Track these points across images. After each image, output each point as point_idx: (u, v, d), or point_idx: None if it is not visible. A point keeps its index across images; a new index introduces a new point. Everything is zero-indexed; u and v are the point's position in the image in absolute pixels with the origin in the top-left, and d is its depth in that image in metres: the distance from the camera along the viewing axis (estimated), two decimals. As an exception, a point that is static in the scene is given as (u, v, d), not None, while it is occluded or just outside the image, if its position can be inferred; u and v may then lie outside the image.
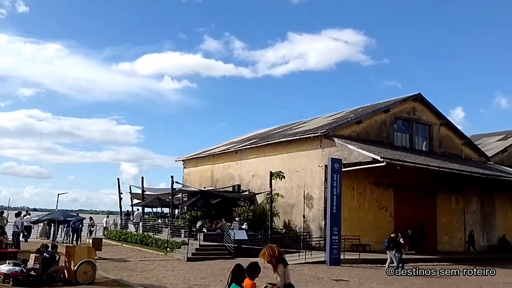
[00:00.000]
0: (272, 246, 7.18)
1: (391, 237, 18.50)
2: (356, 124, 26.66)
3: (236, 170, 32.45)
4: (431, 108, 29.65)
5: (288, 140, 27.68)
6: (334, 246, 19.36)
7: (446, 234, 28.60)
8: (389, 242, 18.11)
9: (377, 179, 25.62)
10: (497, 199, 31.25)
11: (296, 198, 26.42)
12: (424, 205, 27.78)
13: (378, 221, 25.37)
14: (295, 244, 22.50)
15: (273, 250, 6.96)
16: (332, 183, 20.14)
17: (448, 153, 29.78)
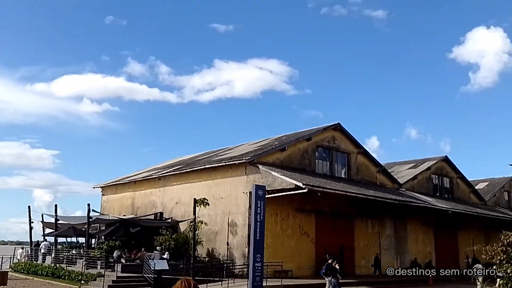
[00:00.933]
0: (188, 279, 6.85)
1: (328, 263, 18.65)
2: (280, 151, 27.26)
3: (158, 197, 31.59)
4: (349, 137, 31.15)
5: (213, 167, 27.56)
6: (257, 273, 19.28)
7: (363, 258, 29.73)
8: (326, 268, 18.32)
9: (300, 205, 26.20)
10: (409, 223, 33.22)
11: (220, 225, 26.18)
12: (343, 230, 28.78)
13: (300, 247, 25.82)
14: (219, 273, 22.16)
15: (188, 282, 6.63)
16: (256, 209, 20.21)
17: (364, 180, 31.30)
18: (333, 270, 18.26)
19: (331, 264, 18.54)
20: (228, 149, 35.16)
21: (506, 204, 45.00)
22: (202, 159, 33.49)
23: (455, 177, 39.69)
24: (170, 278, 19.94)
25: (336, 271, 18.44)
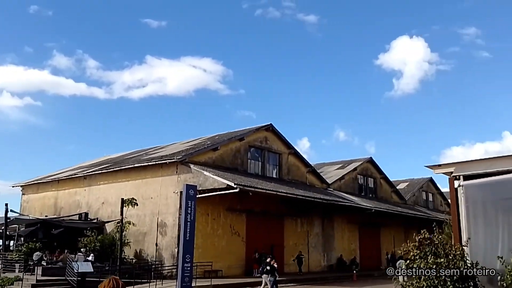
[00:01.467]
0: (115, 277, 6.58)
1: (267, 262, 18.88)
2: (213, 151, 27.14)
3: (84, 197, 30.23)
4: (281, 138, 31.71)
5: (143, 166, 26.85)
6: (186, 274, 19.01)
7: (292, 256, 30.36)
8: (264, 267, 18.57)
9: (231, 205, 26.25)
10: (336, 222, 34.45)
11: (149, 226, 25.56)
12: (274, 229, 29.21)
13: (231, 246, 25.87)
14: (146, 274, 21.60)
15: (116, 281, 6.35)
16: (186, 209, 19.92)
17: (295, 180, 32.03)
18: (272, 268, 18.56)
19: (270, 263, 18.79)
20: (159, 148, 34.44)
21: (424, 203, 48.11)
22: (131, 158, 32.51)
23: (378, 178, 41.77)
24: (94, 281, 19.12)
25: (275, 269, 18.78)
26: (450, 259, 6.12)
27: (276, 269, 19.01)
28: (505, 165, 6.99)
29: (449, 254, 6.21)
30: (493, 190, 7.38)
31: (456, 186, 7.62)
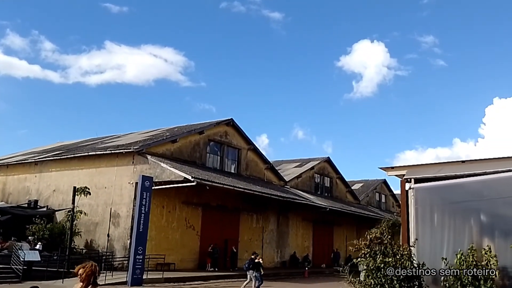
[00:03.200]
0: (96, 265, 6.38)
1: (251, 258, 19.12)
2: (171, 143, 26.78)
3: (34, 183, 29.12)
4: (241, 133, 31.71)
5: (97, 154, 26.15)
6: (138, 266, 18.77)
7: (246, 251, 30.45)
8: (249, 263, 18.77)
9: (187, 198, 26.02)
10: (291, 219, 34.87)
11: (101, 216, 24.94)
12: (229, 224, 29.20)
13: (185, 240, 25.66)
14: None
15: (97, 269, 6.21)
16: (141, 201, 19.65)
17: (253, 176, 32.15)
18: (257, 264, 18.83)
19: (254, 259, 19.02)
20: (115, 137, 33.63)
21: (377, 204, 49.57)
22: (86, 145, 31.58)
23: (335, 177, 42.62)
24: (42, 270, 18.54)
25: (260, 265, 19.04)
26: (398, 259, 6.32)
27: (261, 265, 19.27)
28: (453, 170, 7.29)
29: (397, 254, 6.42)
30: (441, 194, 7.69)
31: (407, 189, 7.89)
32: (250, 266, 18.85)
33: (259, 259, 19.41)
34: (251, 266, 18.79)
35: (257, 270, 18.76)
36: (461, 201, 7.55)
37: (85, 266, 6.08)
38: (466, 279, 5.40)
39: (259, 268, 18.89)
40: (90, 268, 5.99)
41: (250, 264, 18.89)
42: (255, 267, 18.79)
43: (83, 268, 6.00)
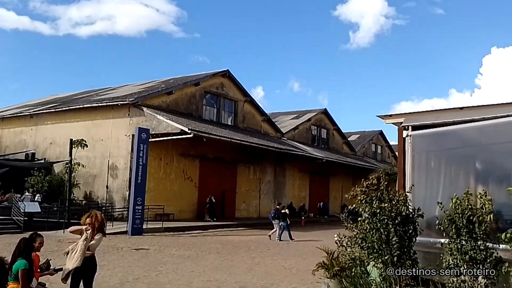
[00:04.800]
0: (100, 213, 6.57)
1: (277, 209, 19.99)
2: (167, 94, 26.53)
3: (30, 136, 29.05)
4: (237, 85, 31.39)
5: (93, 107, 25.95)
6: (137, 216, 19.10)
7: (243, 202, 31.06)
8: (275, 213, 19.64)
9: (184, 150, 26.11)
10: (287, 170, 35.24)
11: (99, 168, 25.10)
12: (227, 176, 29.52)
13: (183, 191, 25.98)
14: (96, 216, 21.39)
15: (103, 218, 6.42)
16: (138, 153, 19.70)
17: (250, 128, 32.15)
18: (283, 215, 19.55)
19: (280, 210, 19.77)
20: (110, 89, 33.26)
21: (373, 154, 50.00)
22: (81, 98, 31.29)
23: (331, 129, 42.70)
24: (42, 221, 18.82)
25: (286, 215, 19.76)
26: (394, 204, 6.37)
27: (287, 215, 19.98)
28: (451, 117, 7.24)
29: (393, 199, 6.46)
30: (438, 140, 7.68)
31: (404, 136, 7.85)
32: (276, 216, 19.59)
33: (286, 210, 20.27)
34: (277, 216, 19.51)
35: (283, 219, 19.48)
36: (458, 148, 7.55)
37: (91, 215, 6.24)
38: (461, 223, 5.47)
39: (285, 218, 19.62)
40: (101, 217, 6.23)
41: (276, 214, 19.62)
42: (282, 217, 19.50)
43: (90, 218, 6.17)
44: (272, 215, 19.97)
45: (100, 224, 6.24)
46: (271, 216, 20.00)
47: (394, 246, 6.22)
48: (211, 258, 13.29)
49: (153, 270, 10.92)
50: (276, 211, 19.97)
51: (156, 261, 12.25)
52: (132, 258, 12.77)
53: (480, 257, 5.36)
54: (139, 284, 9.29)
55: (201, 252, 14.37)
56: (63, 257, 9.55)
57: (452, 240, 5.57)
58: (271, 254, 14.57)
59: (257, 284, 9.71)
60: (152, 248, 15.00)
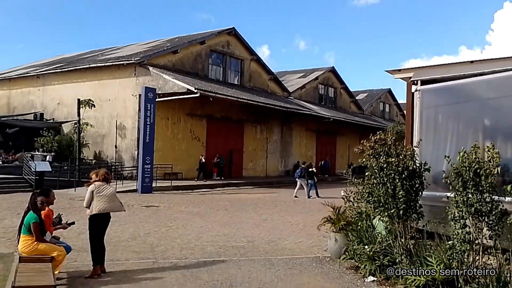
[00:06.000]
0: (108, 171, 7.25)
1: (302, 167, 20.55)
2: (172, 53, 26.25)
3: (38, 97, 29.12)
4: (243, 43, 30.91)
5: (99, 66, 25.81)
6: (146, 175, 19.37)
7: (250, 161, 31.28)
8: (301, 171, 20.13)
9: (191, 110, 26.09)
10: (294, 129, 35.22)
11: (107, 128, 25.25)
12: (234, 135, 29.59)
13: (191, 150, 26.17)
14: (106, 175, 21.72)
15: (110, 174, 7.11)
16: (146, 112, 19.75)
17: (256, 87, 31.92)
18: (310, 173, 20.15)
19: (307, 168, 20.40)
20: (116, 48, 32.94)
21: (380, 113, 49.68)
22: (86, 57, 31.07)
23: (339, 88, 42.27)
24: (53, 179, 19.17)
25: (314, 173, 20.37)
26: (401, 159, 6.38)
27: (314, 173, 20.60)
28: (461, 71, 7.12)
29: (400, 154, 6.46)
30: (446, 95, 7.60)
31: (413, 91, 7.77)
32: (303, 174, 20.10)
33: (313, 168, 20.89)
34: (303, 174, 20.06)
35: (311, 178, 20.03)
36: (466, 102, 7.47)
37: (99, 170, 6.79)
38: (467, 176, 5.48)
39: (313, 176, 20.18)
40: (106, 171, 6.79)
41: (303, 172, 20.13)
42: (309, 175, 20.06)
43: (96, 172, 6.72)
44: (299, 174, 20.33)
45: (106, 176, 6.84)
46: (297, 175, 20.36)
47: (400, 200, 6.28)
48: (220, 214, 13.55)
49: (163, 225, 11.18)
50: (302, 169, 20.41)
51: (166, 217, 12.52)
52: (142, 214, 13.05)
53: (486, 209, 5.40)
54: (150, 238, 9.54)
55: (209, 209, 14.64)
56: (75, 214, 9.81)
57: (459, 193, 5.60)
58: (278, 211, 14.81)
59: (264, 238, 9.93)
60: (161, 205, 15.30)
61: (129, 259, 7.62)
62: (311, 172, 20.29)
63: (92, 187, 6.60)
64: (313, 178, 20.14)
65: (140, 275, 6.61)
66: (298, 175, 20.31)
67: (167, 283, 6.25)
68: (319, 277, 6.78)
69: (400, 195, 6.27)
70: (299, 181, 20.07)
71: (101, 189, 6.59)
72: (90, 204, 6.54)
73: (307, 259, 7.87)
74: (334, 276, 6.81)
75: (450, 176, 5.72)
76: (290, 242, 9.62)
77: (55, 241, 6.44)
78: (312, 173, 20.29)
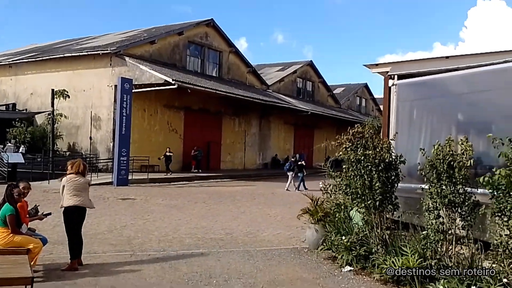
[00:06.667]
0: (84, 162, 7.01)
1: (292, 161, 20.85)
2: (150, 44, 25.92)
3: (10, 86, 28.36)
4: (222, 35, 30.73)
5: (74, 56, 25.28)
6: (122, 167, 19.14)
7: (229, 154, 31.25)
8: (291, 165, 20.41)
9: (169, 101, 25.84)
10: (272, 122, 35.32)
11: (82, 119, 24.81)
12: (212, 127, 29.46)
13: (168, 143, 25.89)
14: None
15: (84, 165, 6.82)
16: (122, 103, 19.47)
17: (235, 80, 31.84)
18: (300, 166, 20.49)
19: (297, 161, 20.76)
20: (91, 38, 32.29)
21: (357, 108, 50.24)
22: (61, 47, 30.35)
23: (317, 81, 42.53)
24: (26, 171, 18.77)
25: (303, 167, 20.70)
26: (378, 152, 6.49)
27: (304, 166, 20.91)
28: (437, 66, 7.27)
29: (377, 146, 6.58)
30: (422, 89, 7.75)
31: (390, 85, 7.90)
32: (291, 167, 20.36)
33: (303, 162, 21.18)
34: (292, 168, 20.35)
35: (300, 171, 20.34)
36: (441, 96, 7.62)
37: (74, 161, 6.66)
38: (441, 168, 5.62)
39: (302, 169, 20.49)
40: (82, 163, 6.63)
41: (292, 166, 20.42)
42: (299, 168, 20.40)
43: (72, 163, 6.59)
44: (288, 167, 20.64)
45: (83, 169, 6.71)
46: (286, 168, 20.72)
47: (377, 191, 6.40)
48: (198, 207, 13.53)
49: (140, 218, 11.10)
50: (291, 163, 20.74)
51: (142, 210, 12.43)
52: (118, 207, 12.92)
53: (459, 200, 5.56)
54: (127, 231, 9.46)
55: (187, 202, 14.59)
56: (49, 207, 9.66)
57: (433, 185, 5.74)
58: (256, 204, 14.88)
59: (243, 230, 9.98)
60: (138, 198, 15.16)
61: (106, 251, 7.55)
62: (301, 166, 20.65)
63: (64, 180, 6.55)
64: (303, 171, 20.48)
65: (118, 268, 6.56)
66: (287, 168, 20.62)
67: (145, 275, 6.23)
68: (297, 267, 6.87)
69: (376, 186, 6.39)
70: (289, 175, 20.40)
71: (71, 183, 6.49)
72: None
73: (285, 250, 7.96)
74: (312, 267, 6.91)
75: (425, 168, 5.85)
76: (268, 234, 9.69)
77: (31, 233, 6.34)
78: (302, 166, 20.65)
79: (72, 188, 6.48)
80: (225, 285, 5.91)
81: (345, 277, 6.33)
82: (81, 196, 6.54)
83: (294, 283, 6.08)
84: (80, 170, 6.64)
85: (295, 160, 21.20)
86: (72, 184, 6.49)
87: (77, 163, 6.74)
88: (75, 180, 6.54)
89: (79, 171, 6.63)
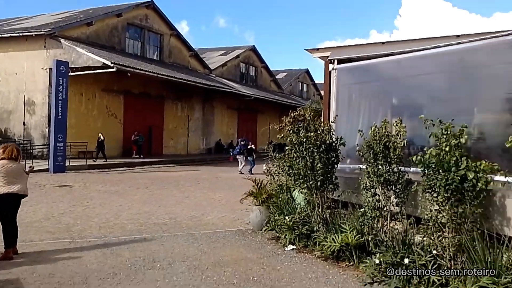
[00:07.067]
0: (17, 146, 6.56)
1: (242, 144, 21.02)
2: (86, 25, 24.80)
3: None
4: (162, 17, 29.99)
5: (4, 37, 23.72)
6: (59, 153, 18.34)
7: (171, 139, 30.80)
8: (241, 148, 20.61)
9: (107, 85, 24.96)
10: (216, 107, 35.17)
11: (14, 104, 23.43)
12: (153, 112, 28.85)
13: (107, 128, 25.11)
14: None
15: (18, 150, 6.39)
16: (57, 87, 18.57)
17: (177, 64, 31.26)
18: (250, 150, 20.67)
19: (247, 145, 20.91)
20: (23, 18, 30.39)
21: (299, 93, 51.13)
22: (-12, 26, 28.27)
23: (260, 66, 42.74)
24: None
25: (253, 150, 20.91)
26: (319, 134, 6.69)
27: (254, 150, 21.19)
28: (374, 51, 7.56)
29: (318, 129, 6.77)
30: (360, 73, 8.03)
31: (330, 69, 8.12)
32: (242, 151, 20.65)
33: (252, 145, 21.48)
34: (242, 152, 20.62)
35: (250, 154, 20.61)
36: (377, 80, 7.95)
37: (7, 146, 6.30)
38: (378, 148, 5.90)
39: (252, 153, 20.74)
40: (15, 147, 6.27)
41: (242, 149, 20.69)
42: (248, 152, 20.64)
43: (4, 148, 6.22)
44: (238, 151, 20.95)
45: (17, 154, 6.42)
46: (236, 152, 21.10)
47: (318, 172, 6.61)
48: (140, 193, 13.28)
49: (79, 205, 10.74)
50: (242, 146, 20.96)
51: (81, 197, 12.02)
52: (55, 194, 12.41)
53: (393, 179, 5.87)
54: (65, 218, 9.14)
55: (128, 188, 14.28)
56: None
57: (370, 164, 6.02)
58: (200, 188, 14.84)
59: (187, 214, 9.95)
60: (76, 184, 14.63)
61: (44, 239, 7.26)
62: (250, 149, 20.96)
63: None
64: (252, 155, 20.75)
65: (57, 255, 6.35)
66: (237, 152, 21.00)
67: (85, 262, 6.07)
68: (241, 248, 6.98)
69: (318, 167, 6.59)
70: (239, 158, 20.72)
71: (4, 169, 6.18)
72: None
73: (230, 232, 8.04)
74: (256, 247, 7.04)
75: (363, 149, 6.11)
76: (213, 217, 9.73)
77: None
78: (251, 150, 20.95)
79: (5, 174, 6.16)
80: (169, 268, 5.89)
81: (288, 256, 6.51)
82: (16, 183, 6.24)
83: (239, 263, 6.17)
84: (13, 155, 6.32)
85: (245, 143, 21.37)
86: (5, 170, 6.16)
87: (9, 148, 6.40)
88: (8, 166, 6.22)
89: (12, 157, 6.31)
